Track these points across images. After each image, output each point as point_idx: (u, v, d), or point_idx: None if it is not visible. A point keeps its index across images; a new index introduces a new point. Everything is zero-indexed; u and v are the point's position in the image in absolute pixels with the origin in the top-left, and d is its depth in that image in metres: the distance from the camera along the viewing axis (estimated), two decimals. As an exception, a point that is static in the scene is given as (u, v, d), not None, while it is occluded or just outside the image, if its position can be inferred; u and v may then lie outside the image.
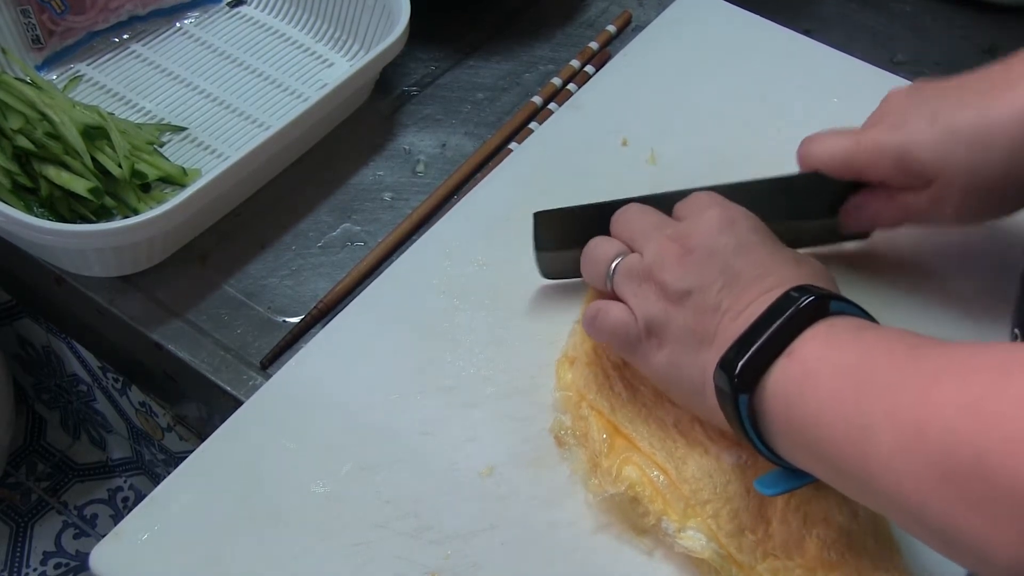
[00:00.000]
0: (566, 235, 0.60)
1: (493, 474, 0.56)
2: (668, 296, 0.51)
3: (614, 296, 0.55)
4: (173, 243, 0.68)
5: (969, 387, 0.38)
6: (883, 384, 0.41)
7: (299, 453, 0.56)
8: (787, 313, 0.46)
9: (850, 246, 0.65)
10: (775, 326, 0.46)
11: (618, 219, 0.57)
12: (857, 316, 0.48)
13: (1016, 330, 0.50)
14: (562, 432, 0.57)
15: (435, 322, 0.62)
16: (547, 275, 0.63)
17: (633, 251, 0.55)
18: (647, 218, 0.56)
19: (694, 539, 0.51)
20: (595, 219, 0.58)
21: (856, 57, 0.79)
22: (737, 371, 0.46)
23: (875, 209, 0.59)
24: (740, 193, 0.57)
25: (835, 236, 0.63)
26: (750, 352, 0.46)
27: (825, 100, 0.76)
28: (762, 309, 0.48)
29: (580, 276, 0.59)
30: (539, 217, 0.60)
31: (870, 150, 0.57)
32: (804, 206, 0.61)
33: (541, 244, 0.60)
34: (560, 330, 0.61)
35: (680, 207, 0.56)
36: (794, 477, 0.48)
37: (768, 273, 0.50)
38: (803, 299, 0.47)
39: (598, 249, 0.57)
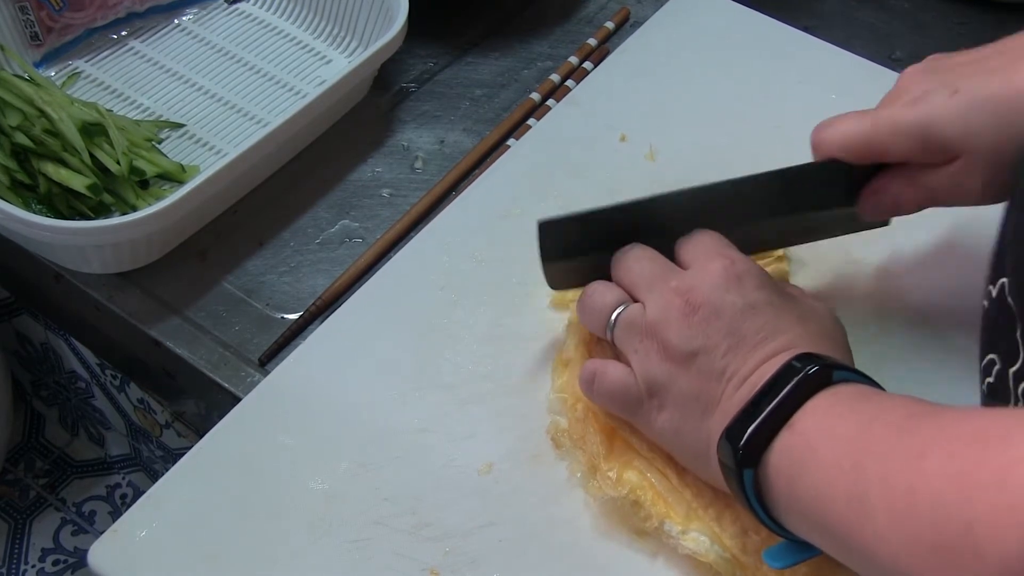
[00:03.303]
0: (573, 243, 0.56)
1: (492, 471, 0.56)
2: (671, 357, 0.50)
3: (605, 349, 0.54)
4: (171, 240, 0.68)
5: (953, 459, 0.38)
6: (878, 455, 0.41)
7: (297, 450, 0.56)
8: (790, 385, 0.46)
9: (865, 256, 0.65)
10: (778, 399, 0.46)
11: (620, 263, 0.55)
12: (860, 383, 0.47)
13: (992, 356, 0.49)
14: (558, 434, 0.57)
15: (434, 319, 0.62)
16: (555, 286, 0.58)
17: (635, 299, 0.53)
18: (650, 265, 0.53)
19: (698, 542, 0.51)
20: (601, 225, 0.56)
21: (855, 54, 0.78)
22: (741, 446, 0.46)
23: (896, 192, 0.56)
24: (751, 186, 0.56)
25: (854, 225, 0.60)
26: (753, 426, 0.46)
27: (824, 96, 0.75)
28: (766, 378, 0.47)
29: (585, 282, 0.56)
30: (544, 226, 0.55)
31: (889, 129, 0.54)
32: (820, 196, 0.58)
33: (548, 254, 0.56)
34: (559, 326, 0.61)
35: (685, 249, 0.54)
36: (802, 549, 0.47)
37: (774, 335, 0.49)
38: (806, 368, 0.46)
39: (598, 297, 0.54)
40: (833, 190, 0.57)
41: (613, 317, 0.53)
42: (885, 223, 0.61)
